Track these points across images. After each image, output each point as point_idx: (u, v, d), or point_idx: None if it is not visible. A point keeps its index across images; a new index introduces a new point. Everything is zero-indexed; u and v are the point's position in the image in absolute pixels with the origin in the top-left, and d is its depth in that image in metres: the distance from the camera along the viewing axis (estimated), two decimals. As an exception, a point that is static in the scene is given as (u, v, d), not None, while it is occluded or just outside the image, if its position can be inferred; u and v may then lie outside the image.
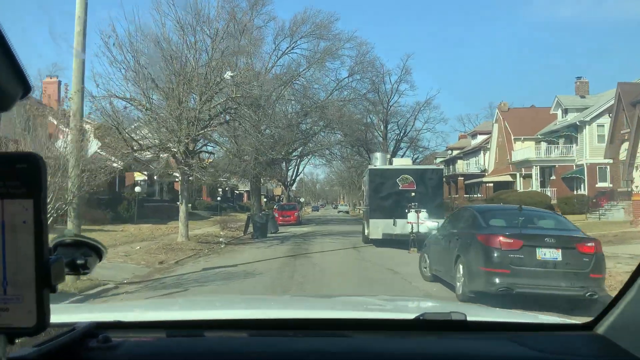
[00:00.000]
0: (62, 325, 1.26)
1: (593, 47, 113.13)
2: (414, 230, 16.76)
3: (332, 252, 16.64)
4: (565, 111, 38.35)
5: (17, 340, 0.92)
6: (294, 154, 39.67)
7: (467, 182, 52.29)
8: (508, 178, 44.08)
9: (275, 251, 17.24)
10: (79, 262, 1.02)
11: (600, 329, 1.41)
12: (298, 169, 54.73)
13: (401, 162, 20.52)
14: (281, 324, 1.62)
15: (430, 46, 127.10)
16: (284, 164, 48.94)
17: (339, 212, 79.41)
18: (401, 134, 45.78)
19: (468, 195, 49.00)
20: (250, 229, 24.60)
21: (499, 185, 44.08)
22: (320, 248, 17.94)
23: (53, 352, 1.13)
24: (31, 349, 1.10)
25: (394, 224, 17.74)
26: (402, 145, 46.45)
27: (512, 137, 44.46)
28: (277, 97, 35.26)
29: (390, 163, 20.46)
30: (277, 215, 36.66)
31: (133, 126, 18.02)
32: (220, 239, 20.91)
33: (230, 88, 18.02)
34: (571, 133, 36.53)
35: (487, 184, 48.40)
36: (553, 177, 37.73)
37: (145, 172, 40.30)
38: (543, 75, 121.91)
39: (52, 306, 0.82)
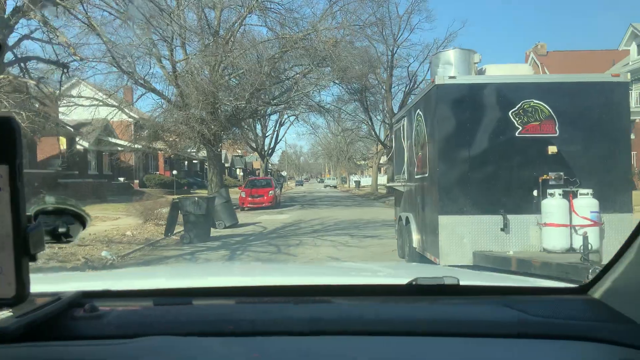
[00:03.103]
0: (47, 295, 1.22)
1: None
2: (583, 248, 6.01)
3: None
4: (646, 44, 27.74)
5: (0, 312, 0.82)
6: (269, 109, 28.46)
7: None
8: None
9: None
10: (60, 230, 0.97)
11: (596, 292, 1.37)
12: (278, 135, 43.90)
13: (509, 70, 8.13)
14: (270, 290, 1.54)
15: None
16: (258, 125, 37.84)
17: (326, 186, 73.04)
18: (411, 85, 34.46)
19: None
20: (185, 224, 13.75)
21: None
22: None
23: (37, 322, 1.09)
24: (13, 319, 1.05)
25: (504, 229, 6.92)
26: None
27: (556, 88, 33.83)
28: (241, 23, 24.08)
29: (481, 72, 8.22)
30: (244, 195, 25.81)
31: None
32: (103, 253, 10.00)
33: None
34: (657, 74, 26.03)
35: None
36: (632, 137, 27.27)
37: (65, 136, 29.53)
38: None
39: (40, 275, 0.75)
